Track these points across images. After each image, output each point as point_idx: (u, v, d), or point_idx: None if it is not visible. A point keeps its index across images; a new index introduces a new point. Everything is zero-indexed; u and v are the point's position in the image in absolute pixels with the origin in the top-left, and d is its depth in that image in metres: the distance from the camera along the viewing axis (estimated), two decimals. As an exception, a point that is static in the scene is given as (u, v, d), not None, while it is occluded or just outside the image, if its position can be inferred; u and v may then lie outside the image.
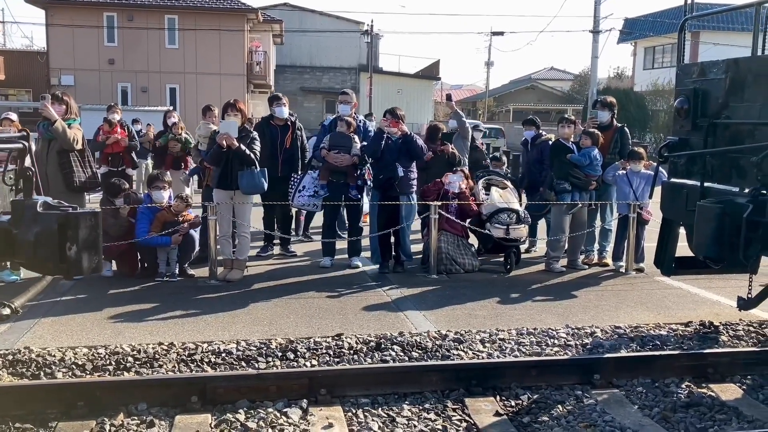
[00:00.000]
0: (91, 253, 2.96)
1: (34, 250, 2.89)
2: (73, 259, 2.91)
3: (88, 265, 3.01)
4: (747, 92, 4.85)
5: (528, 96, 52.14)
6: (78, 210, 3.01)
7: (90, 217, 2.99)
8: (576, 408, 4.28)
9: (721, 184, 5.04)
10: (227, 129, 6.97)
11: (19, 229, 2.90)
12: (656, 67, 38.02)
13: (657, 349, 5.29)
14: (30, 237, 2.89)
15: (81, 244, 2.92)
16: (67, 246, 2.91)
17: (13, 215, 2.97)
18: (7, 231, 2.98)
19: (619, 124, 8.66)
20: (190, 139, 9.79)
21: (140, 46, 29.30)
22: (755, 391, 4.61)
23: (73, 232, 2.91)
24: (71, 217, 2.93)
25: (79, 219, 2.94)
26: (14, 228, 2.94)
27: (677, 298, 7.00)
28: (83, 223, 2.96)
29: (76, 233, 2.91)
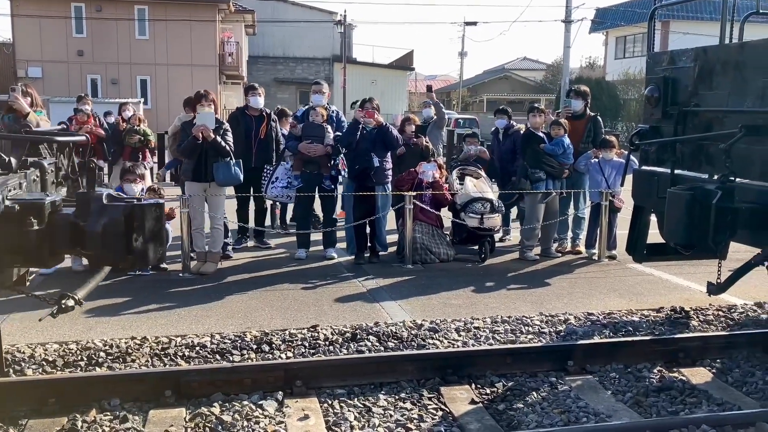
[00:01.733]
0: (156, 245, 2.98)
1: (102, 242, 2.90)
2: (139, 250, 2.93)
3: (153, 256, 3.04)
4: (715, 80, 4.91)
5: (502, 86, 52.35)
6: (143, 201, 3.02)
7: (155, 208, 3.01)
8: (550, 395, 4.32)
9: (691, 171, 5.11)
10: (204, 120, 6.89)
11: (86, 221, 2.90)
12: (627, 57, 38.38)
13: (629, 335, 5.36)
14: (98, 229, 2.88)
15: (147, 236, 2.94)
16: (134, 237, 2.93)
17: (78, 208, 2.96)
18: (74, 223, 2.96)
19: (592, 113, 8.73)
20: (149, 131, 9.71)
21: (110, 37, 28.81)
22: (724, 374, 4.70)
23: (139, 223, 2.93)
24: (137, 209, 2.95)
25: (145, 210, 2.96)
26: (81, 220, 2.93)
27: (649, 284, 7.09)
28: (149, 215, 2.97)
29: (142, 224, 2.93)
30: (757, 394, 4.39)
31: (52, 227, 2.87)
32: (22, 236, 2.77)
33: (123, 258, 2.99)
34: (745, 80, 4.63)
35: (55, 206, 2.99)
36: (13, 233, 2.82)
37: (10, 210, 2.81)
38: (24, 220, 2.80)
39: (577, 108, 8.61)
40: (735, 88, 4.72)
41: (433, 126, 9.73)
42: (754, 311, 6.03)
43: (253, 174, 7.99)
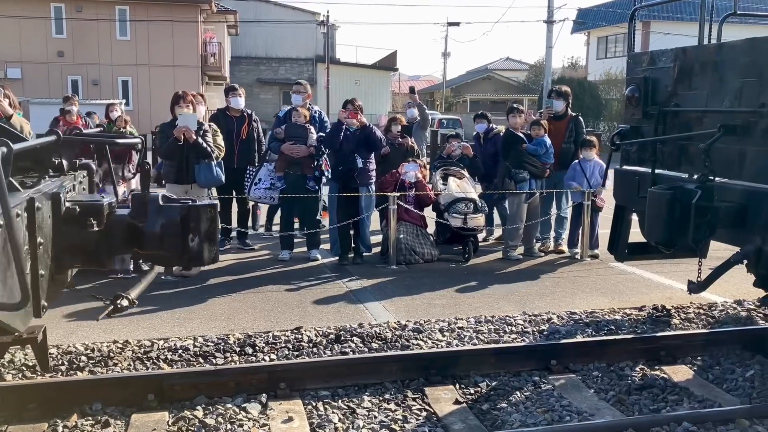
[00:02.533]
0: (210, 244, 3.02)
1: (160, 243, 2.94)
2: (195, 250, 2.99)
3: (208, 256, 3.09)
4: (694, 81, 4.96)
5: (485, 86, 52.52)
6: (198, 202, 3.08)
7: (210, 209, 3.06)
8: (534, 394, 4.34)
9: (671, 170, 5.17)
10: (186, 122, 6.85)
11: (144, 222, 2.94)
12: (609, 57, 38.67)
13: (612, 333, 5.40)
14: (156, 229, 2.93)
15: (202, 236, 2.98)
16: (190, 237, 2.98)
17: (135, 209, 3.00)
18: (132, 224, 3.00)
19: (574, 113, 8.79)
20: (135, 132, 9.62)
21: (90, 38, 28.56)
22: (705, 372, 4.75)
23: (195, 223, 2.98)
24: (193, 210, 3.00)
25: (200, 211, 3.01)
26: (138, 221, 2.97)
27: (631, 283, 7.15)
28: (204, 215, 3.03)
29: (197, 225, 2.99)
30: (737, 391, 4.44)
31: (109, 228, 2.91)
32: (82, 237, 2.81)
33: (180, 257, 3.06)
34: (723, 81, 4.68)
35: (111, 207, 3.03)
36: (74, 234, 2.86)
37: (71, 212, 2.84)
38: (84, 221, 2.83)
39: (558, 108, 8.66)
40: (713, 88, 4.77)
41: (417, 127, 9.75)
42: (734, 309, 6.10)
43: (236, 175, 7.96)
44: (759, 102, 4.35)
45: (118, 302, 3.09)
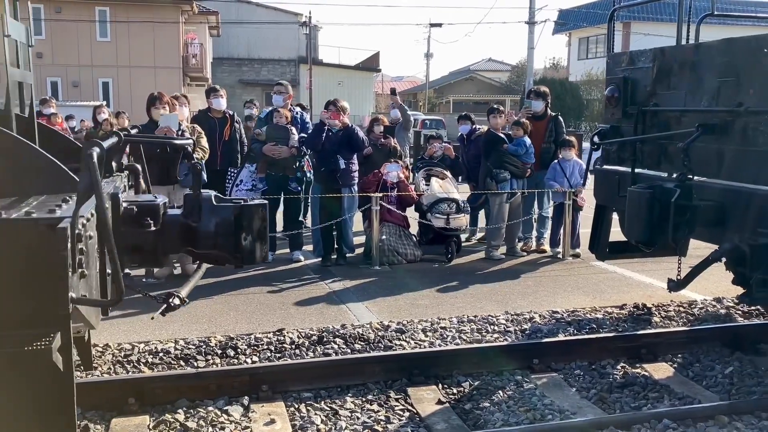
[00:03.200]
0: (262, 243, 3.06)
1: (215, 242, 3.01)
2: (248, 249, 3.04)
3: (260, 254, 3.13)
4: (673, 80, 5.00)
5: (467, 87, 52.67)
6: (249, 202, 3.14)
7: (261, 208, 3.11)
8: (516, 393, 4.35)
9: (650, 169, 5.20)
10: (167, 123, 6.80)
11: (198, 221, 3.00)
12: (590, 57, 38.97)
13: (593, 332, 5.43)
14: (211, 229, 3.00)
15: (255, 234, 3.03)
16: (242, 236, 3.03)
17: (187, 209, 3.05)
18: (185, 224, 3.04)
19: (553, 113, 8.84)
20: None
21: (70, 40, 28.28)
22: (685, 369, 4.79)
23: (247, 222, 3.03)
24: (246, 209, 3.05)
25: (253, 210, 3.06)
26: (192, 221, 3.02)
27: (612, 281, 7.20)
28: (256, 214, 3.07)
29: (250, 224, 3.04)
30: (717, 388, 4.49)
31: (164, 228, 2.95)
32: (139, 237, 2.85)
33: (232, 256, 3.10)
34: (701, 80, 4.72)
35: (165, 207, 3.07)
36: (132, 234, 2.89)
37: (129, 211, 2.88)
38: (141, 221, 2.86)
39: (537, 108, 8.70)
40: (692, 88, 4.81)
41: (400, 127, 9.75)
42: (714, 306, 6.16)
43: (218, 177, 7.90)
44: (736, 101, 4.40)
45: (171, 300, 3.13)
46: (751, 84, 4.31)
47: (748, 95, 4.33)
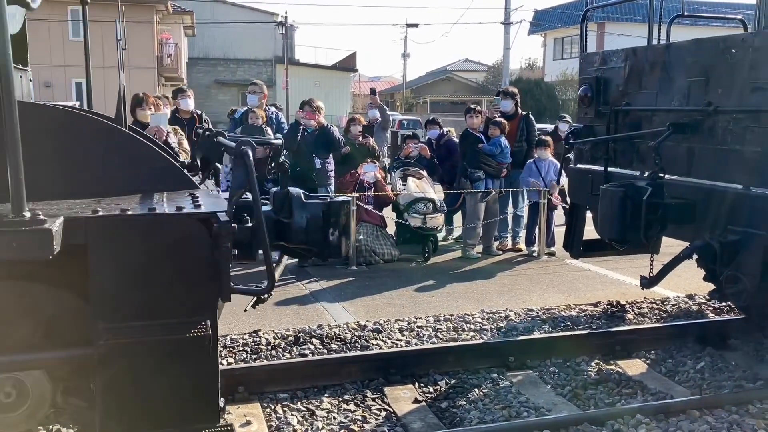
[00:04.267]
0: (346, 238, 3.19)
1: (306, 237, 3.12)
2: (335, 243, 3.16)
3: (345, 249, 3.32)
4: (644, 80, 5.07)
5: (444, 87, 52.81)
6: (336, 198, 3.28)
7: (346, 204, 3.26)
8: (492, 391, 4.38)
9: (623, 168, 5.26)
10: (158, 122, 6.77)
11: (291, 217, 3.13)
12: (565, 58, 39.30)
13: (568, 329, 5.48)
14: (303, 224, 3.12)
15: (341, 229, 3.15)
16: (330, 231, 3.15)
17: (278, 205, 3.19)
18: (277, 220, 3.17)
19: (523, 112, 8.91)
20: None
21: (42, 39, 27.85)
22: (658, 365, 4.86)
23: (335, 218, 3.16)
24: (333, 205, 3.18)
25: (340, 206, 3.20)
26: (283, 217, 3.16)
27: (586, 279, 7.27)
28: (342, 210, 3.22)
29: (337, 219, 3.17)
30: (689, 383, 4.55)
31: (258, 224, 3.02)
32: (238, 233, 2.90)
33: (320, 250, 3.22)
34: (672, 80, 4.79)
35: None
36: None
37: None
38: (240, 217, 2.93)
39: (506, 108, 8.76)
40: (663, 87, 4.88)
41: (378, 127, 9.76)
42: (686, 303, 6.25)
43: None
44: (705, 101, 4.47)
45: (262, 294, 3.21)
46: (720, 84, 4.39)
47: (716, 95, 4.41)
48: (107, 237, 2.57)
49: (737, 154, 4.27)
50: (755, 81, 4.13)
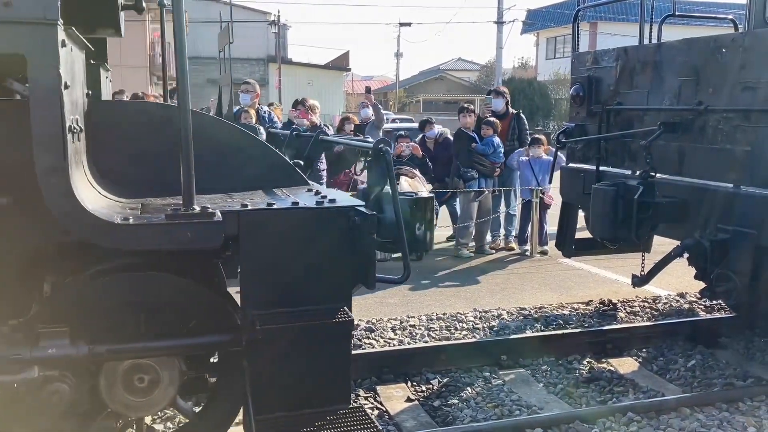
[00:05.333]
0: (431, 232, 3.29)
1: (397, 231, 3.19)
2: (421, 237, 3.27)
3: (430, 243, 3.44)
4: (636, 80, 5.09)
5: (437, 86, 52.84)
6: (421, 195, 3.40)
7: (431, 200, 3.38)
8: (484, 389, 4.39)
9: (615, 167, 5.29)
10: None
11: (382, 212, 3.18)
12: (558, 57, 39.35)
13: (560, 328, 5.50)
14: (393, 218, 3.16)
15: (426, 224, 3.26)
16: (417, 226, 3.25)
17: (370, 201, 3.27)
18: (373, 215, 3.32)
19: (515, 111, 8.93)
20: None
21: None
22: (649, 363, 4.88)
23: (421, 213, 3.27)
24: (420, 201, 3.30)
25: (426, 202, 3.32)
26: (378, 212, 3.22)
27: (578, 278, 7.29)
28: (427, 206, 3.32)
29: (423, 214, 3.27)
30: (680, 381, 4.58)
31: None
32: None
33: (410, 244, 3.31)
34: (663, 79, 4.82)
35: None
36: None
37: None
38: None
39: (498, 107, 8.77)
40: (654, 87, 4.91)
41: (371, 126, 9.75)
42: (677, 301, 6.28)
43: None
44: (696, 100, 4.50)
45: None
46: (711, 83, 4.41)
47: (707, 94, 4.43)
48: (257, 229, 2.75)
49: (728, 153, 4.30)
50: (745, 80, 4.16)
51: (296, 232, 2.80)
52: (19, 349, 2.57)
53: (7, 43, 2.23)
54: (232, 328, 2.89)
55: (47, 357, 2.60)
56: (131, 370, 2.78)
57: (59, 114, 2.33)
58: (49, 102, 2.31)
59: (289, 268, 2.80)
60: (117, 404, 2.79)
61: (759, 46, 4.11)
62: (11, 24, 2.21)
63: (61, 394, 2.63)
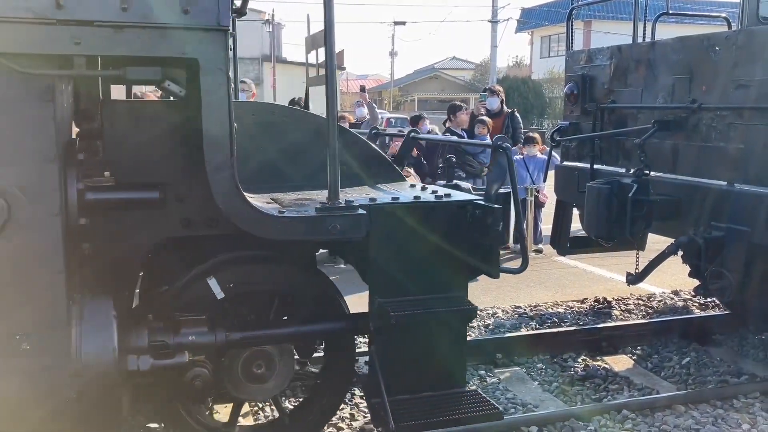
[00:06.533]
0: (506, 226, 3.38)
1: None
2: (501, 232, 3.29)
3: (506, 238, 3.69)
4: (630, 78, 5.10)
5: (432, 85, 52.85)
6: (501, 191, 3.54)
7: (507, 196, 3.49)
8: (480, 387, 4.39)
9: (609, 165, 5.29)
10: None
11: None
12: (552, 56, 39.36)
13: (555, 326, 5.51)
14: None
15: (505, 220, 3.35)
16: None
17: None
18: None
19: (509, 110, 8.93)
20: None
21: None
22: (644, 360, 4.89)
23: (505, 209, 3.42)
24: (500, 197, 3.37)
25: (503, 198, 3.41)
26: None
27: (573, 276, 7.30)
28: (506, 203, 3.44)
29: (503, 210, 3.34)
30: (674, 378, 4.59)
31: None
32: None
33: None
34: (657, 78, 4.82)
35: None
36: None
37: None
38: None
39: (493, 106, 8.78)
40: (648, 85, 4.91)
41: (367, 125, 9.76)
42: (672, 299, 6.29)
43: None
44: (690, 98, 4.50)
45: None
46: (704, 81, 4.42)
47: (701, 92, 4.44)
48: (386, 221, 2.94)
49: (721, 150, 4.31)
50: (738, 78, 4.17)
51: (420, 225, 3.00)
52: (163, 336, 2.74)
53: (183, 48, 2.39)
54: (344, 316, 3.20)
55: (189, 344, 2.78)
56: (251, 357, 2.99)
57: (227, 114, 2.48)
58: (219, 103, 2.46)
59: (413, 258, 3.00)
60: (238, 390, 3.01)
61: (752, 44, 4.12)
62: (187, 30, 2.37)
63: (203, 378, 2.82)
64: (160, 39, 2.35)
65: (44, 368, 2.42)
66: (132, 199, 2.73)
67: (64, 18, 2.24)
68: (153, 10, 2.32)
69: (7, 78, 2.29)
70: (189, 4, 2.34)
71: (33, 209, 2.36)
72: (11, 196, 2.33)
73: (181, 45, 2.38)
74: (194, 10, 2.35)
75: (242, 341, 2.94)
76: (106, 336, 2.51)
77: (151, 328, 2.75)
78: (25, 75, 2.30)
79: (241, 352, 2.99)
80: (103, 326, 2.51)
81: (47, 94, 2.36)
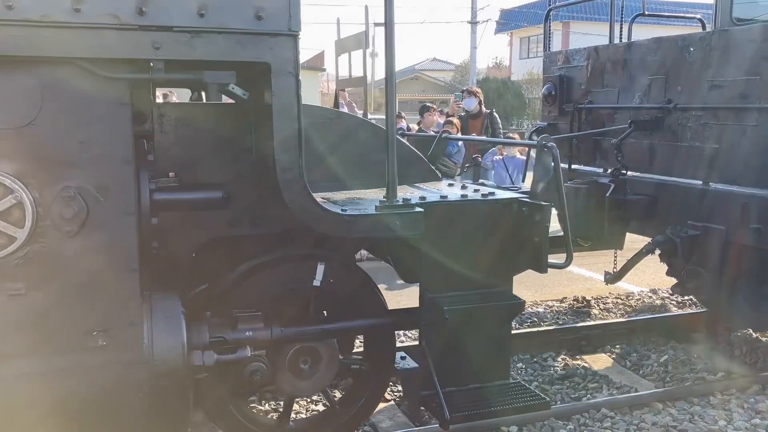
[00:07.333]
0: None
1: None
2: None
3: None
4: (606, 78, 5.14)
5: (412, 86, 52.88)
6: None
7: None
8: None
9: (587, 165, 5.33)
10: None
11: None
12: (531, 57, 39.62)
13: (535, 325, 5.53)
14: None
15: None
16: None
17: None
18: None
19: (487, 110, 8.97)
20: None
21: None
22: (623, 359, 4.92)
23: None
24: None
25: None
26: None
27: (553, 276, 7.32)
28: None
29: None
30: (653, 376, 4.63)
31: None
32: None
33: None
34: (633, 78, 4.87)
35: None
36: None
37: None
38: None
39: (470, 107, 8.79)
40: (624, 85, 4.96)
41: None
42: (650, 297, 6.35)
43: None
44: (666, 98, 4.55)
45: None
46: (679, 81, 4.47)
47: (676, 92, 4.49)
48: (437, 219, 3.03)
49: (697, 150, 4.36)
50: (713, 79, 4.22)
51: (469, 222, 3.12)
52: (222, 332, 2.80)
53: (256, 53, 2.47)
54: (389, 312, 3.32)
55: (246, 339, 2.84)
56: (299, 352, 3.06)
57: (297, 117, 2.56)
58: (289, 106, 2.54)
59: (462, 254, 3.10)
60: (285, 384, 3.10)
61: (726, 45, 4.17)
62: (260, 35, 2.46)
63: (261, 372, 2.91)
64: (235, 44, 2.44)
65: (120, 363, 2.49)
66: (197, 199, 2.83)
67: (145, 24, 2.33)
68: (228, 16, 2.41)
69: (90, 82, 2.36)
70: (262, 11, 2.43)
71: (110, 209, 2.44)
72: (90, 196, 2.40)
73: (254, 50, 2.47)
74: (267, 16, 2.44)
75: (297, 336, 3.02)
76: (177, 332, 2.59)
77: (211, 324, 2.82)
78: (107, 79, 2.37)
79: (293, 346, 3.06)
80: (173, 322, 2.60)
81: (126, 97, 2.44)
